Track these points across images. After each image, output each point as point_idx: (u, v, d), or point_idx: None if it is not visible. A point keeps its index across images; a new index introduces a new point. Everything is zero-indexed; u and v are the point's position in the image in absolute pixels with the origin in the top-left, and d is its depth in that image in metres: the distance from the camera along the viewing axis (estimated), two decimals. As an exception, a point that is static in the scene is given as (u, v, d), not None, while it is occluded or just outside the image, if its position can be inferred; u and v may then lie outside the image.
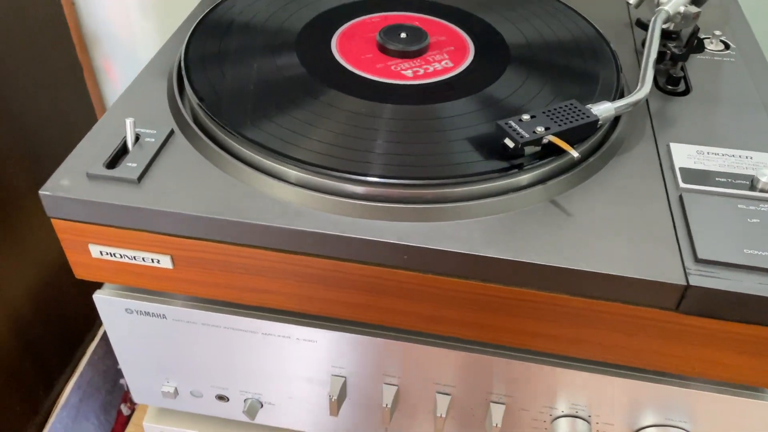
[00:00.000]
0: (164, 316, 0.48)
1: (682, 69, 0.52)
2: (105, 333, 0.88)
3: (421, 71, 0.50)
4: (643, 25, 0.56)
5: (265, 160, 0.42)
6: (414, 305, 0.42)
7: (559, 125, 0.41)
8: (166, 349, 0.51)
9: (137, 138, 0.44)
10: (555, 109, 0.42)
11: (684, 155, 0.45)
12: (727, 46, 0.58)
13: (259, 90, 0.48)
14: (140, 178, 0.41)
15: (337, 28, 0.55)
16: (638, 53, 0.57)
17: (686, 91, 0.52)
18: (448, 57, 0.52)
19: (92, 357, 0.84)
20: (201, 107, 0.45)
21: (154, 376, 0.54)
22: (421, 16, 0.57)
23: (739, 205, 0.41)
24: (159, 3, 0.96)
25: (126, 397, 0.92)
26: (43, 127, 0.76)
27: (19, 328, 0.73)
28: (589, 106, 0.43)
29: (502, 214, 0.40)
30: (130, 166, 0.42)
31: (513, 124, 0.41)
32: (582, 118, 0.41)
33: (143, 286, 0.45)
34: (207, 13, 0.56)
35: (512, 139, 0.40)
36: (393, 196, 0.40)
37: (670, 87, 0.52)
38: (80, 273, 0.45)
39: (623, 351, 0.42)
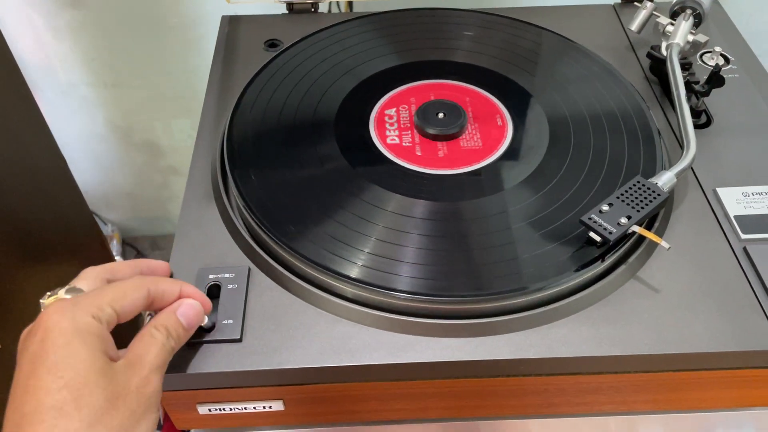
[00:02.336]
0: (265, 441, 0.48)
1: (703, 101, 0.55)
2: None
3: (468, 148, 0.51)
4: (655, 58, 0.58)
5: (367, 295, 0.42)
6: (524, 399, 0.44)
7: (638, 210, 0.42)
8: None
9: (218, 287, 0.43)
10: (626, 192, 0.44)
11: (733, 200, 0.48)
12: (726, 60, 0.61)
13: (324, 208, 0.46)
14: (241, 335, 0.41)
15: (371, 108, 0.54)
16: (649, 81, 0.59)
17: (708, 123, 0.55)
18: (486, 132, 0.52)
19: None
20: (281, 245, 0.44)
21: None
22: (448, 83, 0.57)
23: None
24: (71, 22, 0.91)
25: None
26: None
27: None
28: (652, 180, 0.45)
29: (598, 303, 0.42)
30: (227, 324, 0.41)
31: (596, 218, 0.42)
32: (654, 198, 0.43)
33: (249, 425, 0.45)
34: (231, 118, 0.53)
35: (600, 234, 0.41)
36: (507, 308, 0.41)
37: (692, 120, 0.55)
38: (182, 425, 0.45)
39: (717, 401, 0.45)
